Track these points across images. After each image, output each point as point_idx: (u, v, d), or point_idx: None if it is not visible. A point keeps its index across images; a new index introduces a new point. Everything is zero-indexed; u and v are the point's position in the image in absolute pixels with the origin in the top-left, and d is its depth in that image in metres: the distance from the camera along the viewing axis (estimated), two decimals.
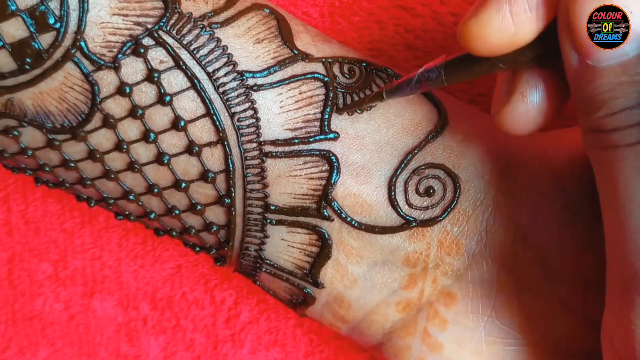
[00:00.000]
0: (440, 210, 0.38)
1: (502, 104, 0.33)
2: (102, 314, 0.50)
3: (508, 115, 0.33)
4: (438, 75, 0.33)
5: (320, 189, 0.37)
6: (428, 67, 0.34)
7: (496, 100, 0.34)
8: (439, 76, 0.33)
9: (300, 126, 0.37)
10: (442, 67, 0.33)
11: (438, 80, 0.33)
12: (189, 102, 0.35)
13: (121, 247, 0.50)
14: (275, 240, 0.38)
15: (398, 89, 0.35)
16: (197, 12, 0.36)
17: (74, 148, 0.36)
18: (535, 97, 0.32)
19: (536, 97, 0.32)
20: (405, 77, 0.35)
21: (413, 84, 0.34)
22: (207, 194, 0.37)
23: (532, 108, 0.32)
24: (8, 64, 0.34)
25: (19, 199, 0.49)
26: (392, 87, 0.35)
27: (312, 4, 0.47)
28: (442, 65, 0.33)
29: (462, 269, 0.38)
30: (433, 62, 0.34)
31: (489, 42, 0.30)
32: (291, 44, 0.37)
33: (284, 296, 0.41)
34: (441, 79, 0.33)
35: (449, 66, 0.33)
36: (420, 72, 0.34)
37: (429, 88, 0.34)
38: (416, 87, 0.34)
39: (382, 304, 0.39)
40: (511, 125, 0.33)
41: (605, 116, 0.29)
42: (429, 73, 0.34)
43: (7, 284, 0.50)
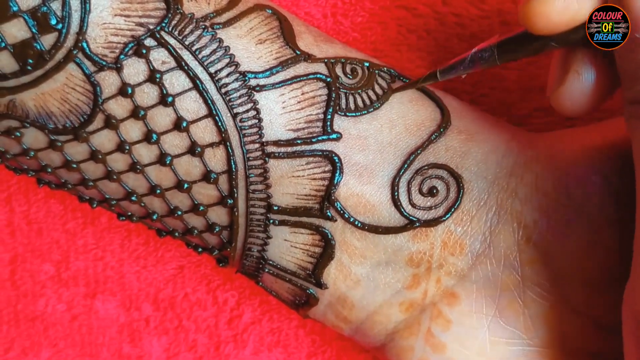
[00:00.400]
0: (443, 210, 0.38)
1: (558, 83, 0.34)
2: (105, 315, 0.50)
3: (564, 94, 0.34)
4: (491, 55, 0.34)
5: (323, 189, 0.37)
6: (481, 47, 0.35)
7: (552, 81, 0.35)
8: (492, 55, 0.34)
9: (303, 127, 0.37)
10: (495, 46, 0.34)
11: (491, 59, 0.34)
12: (191, 103, 0.35)
13: (123, 248, 0.50)
14: (278, 241, 0.38)
15: (452, 68, 0.36)
16: (199, 13, 0.36)
17: (76, 149, 0.36)
18: (590, 75, 0.33)
19: (590, 75, 0.33)
20: (458, 57, 0.36)
21: (466, 63, 0.35)
22: (210, 194, 0.37)
23: (587, 86, 0.33)
24: (10, 64, 0.34)
25: (21, 200, 0.49)
26: (446, 67, 0.36)
27: (314, 4, 0.47)
28: (495, 45, 0.34)
29: (466, 269, 0.38)
30: (487, 42, 0.35)
31: (551, 19, 0.31)
32: (293, 45, 0.37)
33: (287, 297, 0.41)
34: (494, 57, 0.34)
35: (501, 46, 0.34)
36: (474, 52, 0.35)
37: (482, 67, 0.35)
38: (469, 67, 0.35)
39: (385, 305, 0.39)
40: (567, 104, 0.34)
41: None
42: (482, 52, 0.35)
43: (9, 285, 0.50)
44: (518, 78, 0.46)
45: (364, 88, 0.38)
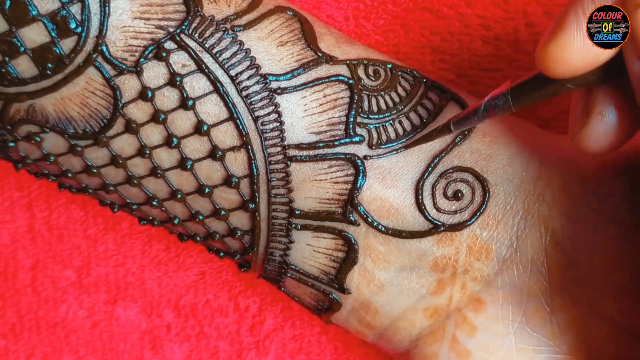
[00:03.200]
0: (469, 214, 0.37)
1: (581, 125, 0.32)
2: (126, 321, 0.50)
3: (588, 136, 0.32)
4: (505, 102, 0.33)
5: (346, 193, 0.37)
6: (494, 94, 0.33)
7: (573, 122, 0.33)
8: (506, 102, 0.33)
9: (325, 129, 0.36)
10: (509, 93, 0.33)
11: (505, 106, 0.33)
12: (212, 106, 0.35)
13: (144, 253, 0.50)
14: (300, 246, 0.38)
15: (465, 119, 0.35)
16: (220, 15, 0.35)
17: (96, 154, 0.36)
18: (613, 115, 0.32)
19: (613, 115, 0.32)
20: (471, 107, 0.35)
21: (480, 113, 0.34)
22: (231, 199, 0.37)
23: (611, 126, 0.32)
24: (29, 69, 0.33)
25: (42, 206, 0.49)
26: (459, 118, 0.35)
27: (336, 7, 0.47)
28: (508, 91, 0.33)
29: (492, 275, 0.38)
30: (499, 89, 0.33)
31: (571, 64, 0.30)
32: (315, 47, 0.37)
33: (310, 302, 0.40)
34: (508, 105, 0.33)
35: (515, 92, 0.33)
36: (487, 101, 0.34)
37: (497, 115, 0.34)
38: (483, 116, 0.34)
39: (409, 310, 0.38)
40: (592, 145, 0.32)
41: None
42: (495, 101, 0.33)
43: (30, 291, 0.49)
44: None
45: (387, 90, 0.37)
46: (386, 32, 0.46)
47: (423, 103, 0.38)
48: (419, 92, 0.38)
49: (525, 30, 0.45)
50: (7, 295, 0.50)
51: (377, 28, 0.46)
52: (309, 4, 0.46)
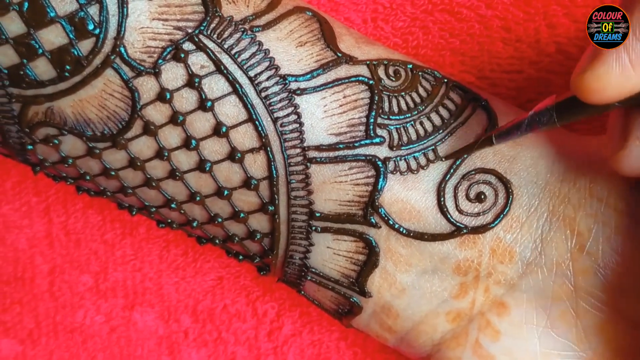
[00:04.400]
0: (492, 216, 0.36)
1: (619, 148, 0.32)
2: (143, 327, 0.49)
3: (625, 159, 0.32)
4: (549, 118, 0.33)
5: (367, 195, 0.36)
6: (538, 109, 0.33)
7: (610, 141, 0.33)
8: (551, 118, 0.33)
9: (345, 131, 0.36)
10: (554, 109, 0.33)
11: (550, 122, 0.33)
12: (231, 108, 0.35)
13: (162, 258, 0.49)
14: (320, 248, 0.38)
15: (508, 133, 0.35)
16: (238, 16, 0.35)
17: (115, 156, 0.36)
18: None
19: None
20: (514, 121, 0.34)
21: (523, 127, 0.34)
22: (250, 201, 0.36)
23: None
24: (48, 71, 0.33)
25: (59, 211, 0.49)
26: (502, 131, 0.35)
27: (354, 9, 0.46)
28: (553, 107, 0.33)
29: (516, 278, 0.37)
30: (543, 103, 0.33)
31: (608, 93, 0.29)
32: (334, 47, 0.36)
33: (330, 306, 0.40)
34: (553, 120, 0.33)
35: (560, 108, 0.32)
36: (531, 115, 0.33)
37: (540, 130, 0.33)
38: (526, 130, 0.34)
39: (431, 314, 0.38)
40: (628, 168, 0.32)
41: None
42: (540, 116, 0.33)
43: (48, 296, 0.49)
44: (565, 82, 0.44)
45: (408, 90, 0.37)
46: (405, 34, 0.46)
47: (444, 103, 0.37)
48: (440, 92, 0.38)
49: (547, 32, 0.44)
50: (25, 301, 0.49)
51: (396, 30, 0.46)
52: (326, 7, 0.46)
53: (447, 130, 0.37)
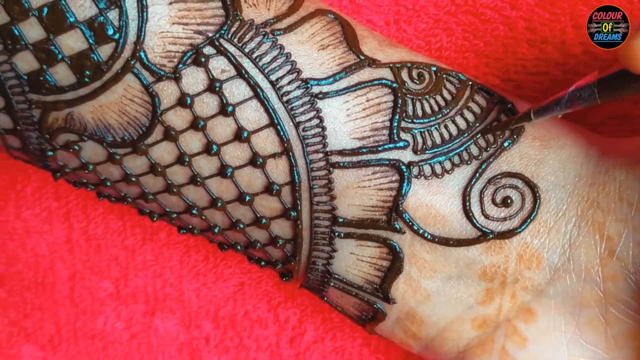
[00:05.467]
0: (519, 221, 0.36)
1: None
2: (164, 333, 0.49)
3: None
4: (590, 94, 0.32)
5: (391, 200, 0.36)
6: (579, 85, 0.32)
7: None
8: (592, 94, 0.32)
9: (368, 135, 0.35)
10: (595, 84, 0.32)
11: (590, 98, 0.32)
12: (252, 112, 0.34)
13: (183, 264, 0.49)
14: (343, 254, 0.37)
15: (547, 109, 0.34)
16: (259, 19, 0.35)
17: (135, 162, 0.35)
18: None
19: None
20: (554, 96, 0.34)
21: (563, 103, 0.33)
22: (272, 207, 0.36)
23: None
24: (67, 77, 0.33)
25: (80, 216, 0.49)
26: (541, 106, 0.34)
27: (376, 11, 0.46)
28: (594, 82, 0.32)
29: (543, 284, 0.36)
30: (585, 79, 0.32)
31: None
32: (357, 50, 0.36)
33: (353, 312, 0.40)
34: (594, 96, 0.32)
35: (602, 84, 0.32)
36: (572, 91, 0.33)
37: (580, 107, 0.33)
38: (566, 107, 0.33)
39: (456, 321, 0.37)
40: None
41: None
42: (581, 92, 0.32)
43: (68, 302, 0.49)
44: None
45: (432, 93, 0.36)
46: (428, 36, 0.46)
47: (469, 106, 0.37)
48: (465, 95, 0.37)
49: (572, 32, 0.43)
50: (46, 307, 0.49)
51: (419, 32, 0.46)
52: (348, 9, 0.45)
53: (472, 133, 0.36)
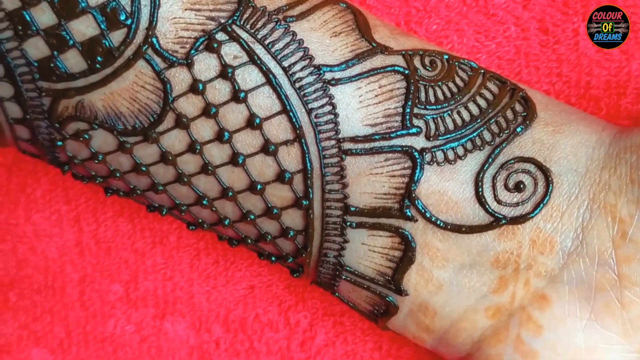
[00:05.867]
0: (531, 206, 0.35)
1: None
2: (174, 336, 0.49)
3: None
4: None
5: (403, 187, 0.35)
6: None
7: None
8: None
9: (381, 121, 0.35)
10: None
11: None
12: (264, 99, 0.34)
13: (193, 267, 0.49)
14: (355, 245, 0.37)
15: None
16: (272, 6, 0.35)
17: (146, 151, 0.35)
18: None
19: None
20: None
21: None
22: (284, 196, 0.36)
23: None
24: (78, 63, 0.33)
25: (90, 219, 0.49)
26: None
27: (386, 12, 0.46)
28: None
29: (557, 269, 0.36)
30: None
31: None
32: (369, 37, 0.36)
33: (365, 307, 0.39)
34: None
35: None
36: None
37: None
38: None
39: (470, 311, 0.37)
40: None
41: None
42: None
43: (78, 305, 0.49)
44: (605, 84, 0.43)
45: (444, 80, 0.36)
46: (439, 37, 0.46)
47: (482, 93, 0.36)
48: (477, 82, 0.37)
49: (586, 33, 0.43)
50: (55, 310, 0.49)
51: (430, 33, 0.46)
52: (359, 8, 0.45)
53: (484, 119, 0.36)
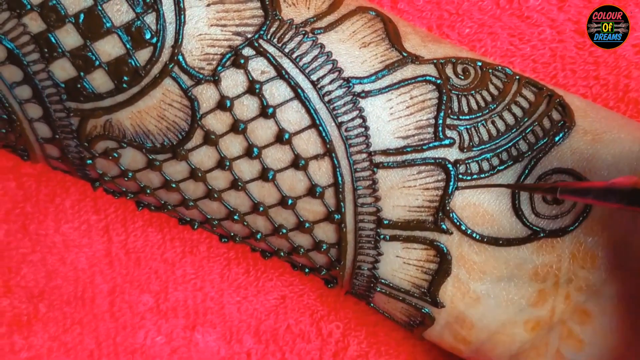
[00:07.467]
0: (571, 219, 0.35)
1: None
2: (205, 348, 0.48)
3: None
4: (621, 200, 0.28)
5: (437, 199, 0.35)
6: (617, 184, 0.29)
7: None
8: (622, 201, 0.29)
9: (413, 133, 0.34)
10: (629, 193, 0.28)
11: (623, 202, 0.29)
12: (293, 114, 0.34)
13: (223, 277, 0.48)
14: (389, 258, 0.36)
15: (576, 192, 0.30)
16: (299, 18, 0.34)
17: (175, 168, 0.35)
18: None
19: None
20: (587, 184, 0.31)
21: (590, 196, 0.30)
22: (316, 210, 0.35)
23: None
24: (105, 83, 0.33)
25: (119, 229, 0.49)
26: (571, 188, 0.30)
27: (418, 16, 0.45)
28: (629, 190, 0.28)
29: (599, 284, 0.35)
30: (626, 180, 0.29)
31: None
32: (399, 46, 0.35)
33: (401, 318, 0.39)
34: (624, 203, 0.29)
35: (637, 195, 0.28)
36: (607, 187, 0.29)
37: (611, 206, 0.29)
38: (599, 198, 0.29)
39: (508, 323, 0.36)
40: None
41: None
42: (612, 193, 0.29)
43: (108, 317, 0.49)
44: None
45: (478, 89, 0.35)
46: (472, 41, 0.45)
47: (517, 101, 0.36)
48: (512, 89, 0.36)
49: None
50: (85, 321, 0.49)
51: (463, 37, 0.45)
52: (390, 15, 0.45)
53: (520, 129, 0.35)
